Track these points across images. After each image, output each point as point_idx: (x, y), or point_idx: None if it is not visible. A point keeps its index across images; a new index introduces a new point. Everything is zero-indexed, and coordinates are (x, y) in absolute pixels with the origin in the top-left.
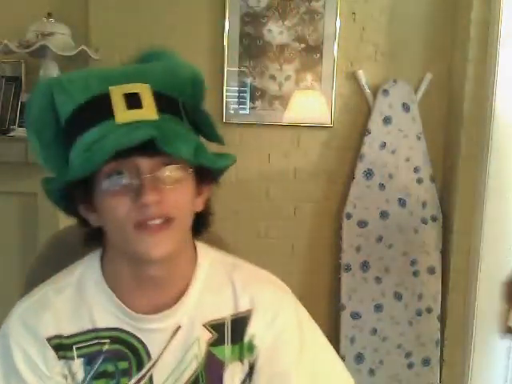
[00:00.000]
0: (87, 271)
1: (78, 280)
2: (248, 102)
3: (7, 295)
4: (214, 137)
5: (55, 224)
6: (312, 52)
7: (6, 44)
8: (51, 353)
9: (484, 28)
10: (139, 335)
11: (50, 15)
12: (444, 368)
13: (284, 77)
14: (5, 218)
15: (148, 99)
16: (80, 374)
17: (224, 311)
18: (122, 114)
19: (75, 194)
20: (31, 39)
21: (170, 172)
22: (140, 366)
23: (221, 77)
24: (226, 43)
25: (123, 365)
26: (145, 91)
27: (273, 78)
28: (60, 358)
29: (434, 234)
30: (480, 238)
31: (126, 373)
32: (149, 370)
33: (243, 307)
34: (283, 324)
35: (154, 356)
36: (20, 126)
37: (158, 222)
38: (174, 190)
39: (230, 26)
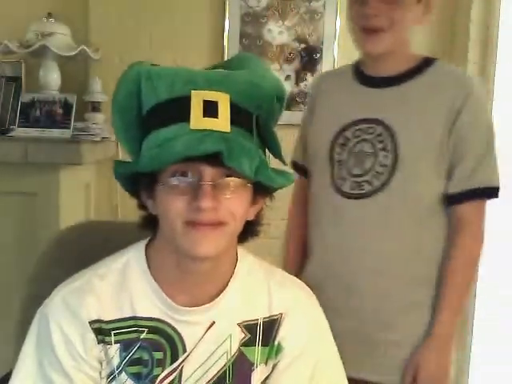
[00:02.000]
0: (132, 260)
1: (123, 268)
2: None
3: (7, 295)
4: (277, 155)
5: (55, 224)
6: (312, 52)
7: (5, 44)
8: (91, 335)
9: (484, 29)
10: (177, 327)
11: (50, 15)
12: None
13: (284, 77)
14: (5, 218)
15: (224, 110)
16: (116, 360)
17: (258, 313)
18: (197, 120)
19: (140, 180)
20: (31, 39)
21: (229, 183)
22: (174, 358)
23: None
24: (225, 43)
25: (158, 355)
26: (223, 101)
27: None
28: (99, 341)
29: None
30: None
31: (160, 363)
32: (182, 363)
33: (276, 311)
34: (310, 331)
35: (188, 349)
36: (20, 126)
37: (209, 225)
38: (231, 200)
39: (229, 25)
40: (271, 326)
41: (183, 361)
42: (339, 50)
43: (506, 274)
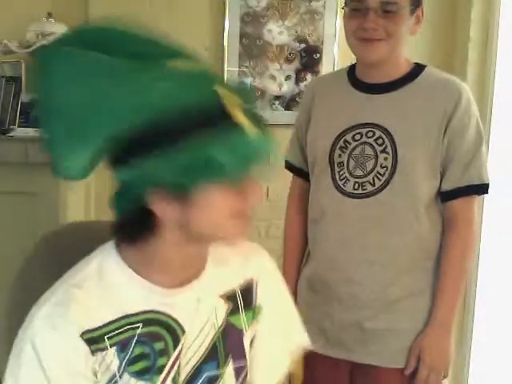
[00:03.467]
0: (106, 261)
1: (97, 271)
2: None
3: (7, 295)
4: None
5: (55, 224)
6: (312, 52)
7: (5, 44)
8: (85, 348)
9: (484, 28)
10: (170, 312)
11: (50, 15)
12: None
13: (284, 77)
14: (5, 218)
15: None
16: (115, 363)
17: (234, 282)
18: (241, 117)
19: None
20: (31, 39)
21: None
22: (176, 343)
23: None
24: (225, 43)
25: (159, 346)
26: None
27: (273, 78)
28: (93, 352)
29: None
30: (479, 238)
31: (163, 353)
32: (182, 347)
33: (249, 276)
34: (277, 286)
35: (186, 330)
36: (20, 126)
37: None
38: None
39: (229, 25)
40: (248, 291)
41: (183, 345)
42: (339, 50)
43: (506, 274)
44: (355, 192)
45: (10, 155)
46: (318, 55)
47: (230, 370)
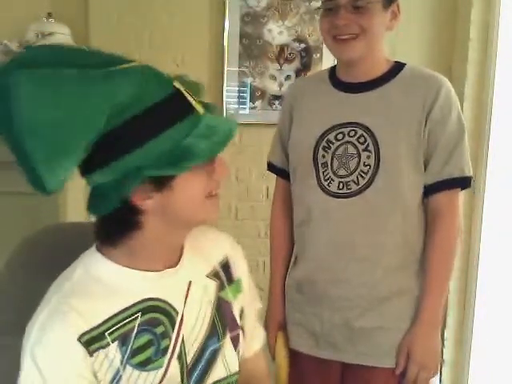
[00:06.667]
0: (92, 264)
1: (85, 276)
2: (248, 102)
3: None
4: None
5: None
6: (312, 52)
7: (6, 44)
8: (82, 351)
9: (484, 28)
10: (162, 296)
11: (50, 15)
12: (444, 368)
13: (284, 77)
14: (5, 218)
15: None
16: (117, 358)
17: (213, 262)
18: (199, 106)
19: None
20: (31, 39)
21: None
22: (173, 324)
23: (221, 77)
24: (225, 43)
25: (160, 329)
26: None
27: (273, 77)
28: (91, 352)
29: None
30: (479, 238)
31: (165, 335)
32: (180, 327)
33: (224, 254)
34: (242, 258)
35: (179, 310)
36: None
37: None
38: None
39: (229, 25)
40: (226, 267)
41: (180, 325)
42: None
43: (506, 274)
44: (340, 192)
45: (10, 155)
46: (317, 55)
47: (227, 340)
